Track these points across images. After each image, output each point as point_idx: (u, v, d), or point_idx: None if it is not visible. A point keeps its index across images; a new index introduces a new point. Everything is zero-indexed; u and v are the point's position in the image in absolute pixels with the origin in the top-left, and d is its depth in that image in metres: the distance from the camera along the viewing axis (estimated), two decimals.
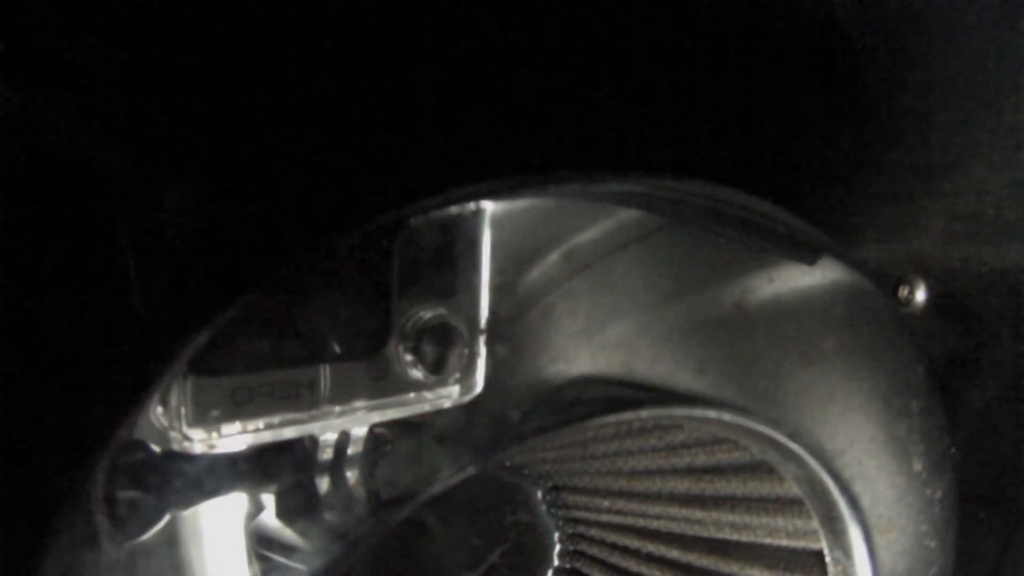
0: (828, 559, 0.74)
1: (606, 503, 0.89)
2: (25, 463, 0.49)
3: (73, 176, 0.60)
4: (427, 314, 0.53)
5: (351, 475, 0.54)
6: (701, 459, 0.78)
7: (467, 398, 0.56)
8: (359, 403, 0.52)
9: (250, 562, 0.56)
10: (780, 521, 0.76)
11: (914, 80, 0.73)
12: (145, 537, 0.50)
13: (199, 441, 0.48)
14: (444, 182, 0.51)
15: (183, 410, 0.47)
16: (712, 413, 0.65)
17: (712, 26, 0.73)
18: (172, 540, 0.52)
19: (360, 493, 0.55)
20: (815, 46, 0.73)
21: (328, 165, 0.66)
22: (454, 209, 0.53)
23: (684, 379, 0.63)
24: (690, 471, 0.80)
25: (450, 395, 0.55)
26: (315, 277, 0.51)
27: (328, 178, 0.64)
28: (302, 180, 0.64)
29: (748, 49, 0.75)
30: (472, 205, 0.54)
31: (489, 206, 0.54)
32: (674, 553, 0.84)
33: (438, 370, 0.53)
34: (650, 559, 0.86)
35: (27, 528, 0.46)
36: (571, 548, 0.96)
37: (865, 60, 0.73)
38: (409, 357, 0.53)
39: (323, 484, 0.54)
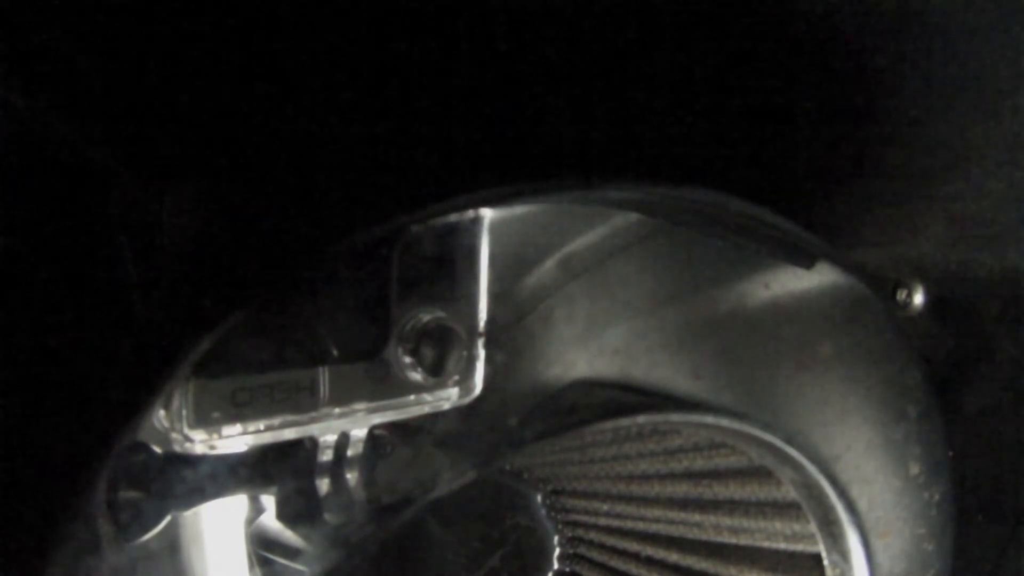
0: (826, 562, 0.74)
1: (605, 507, 0.89)
2: (30, 470, 0.49)
3: (75, 181, 0.61)
4: (426, 317, 0.54)
5: (351, 477, 0.55)
6: (699, 463, 0.78)
7: (466, 400, 0.56)
8: (359, 404, 0.52)
9: (251, 565, 0.57)
10: (778, 525, 0.76)
11: (912, 83, 0.73)
12: (146, 539, 0.50)
13: (200, 442, 0.49)
14: (444, 191, 0.52)
15: (184, 412, 0.48)
16: (709, 418, 0.65)
17: (709, 30, 0.73)
18: (173, 544, 0.52)
19: (360, 495, 0.55)
20: (812, 50, 0.73)
21: (331, 172, 0.66)
22: (454, 216, 0.54)
23: (681, 383, 0.63)
24: (688, 475, 0.80)
25: (449, 397, 0.56)
26: (316, 280, 0.51)
27: (331, 185, 0.64)
28: (305, 186, 0.64)
29: (745, 53, 0.75)
30: (471, 212, 0.54)
31: (488, 213, 0.55)
32: (673, 556, 0.84)
33: (437, 372, 0.53)
34: (649, 562, 0.87)
35: (31, 535, 0.46)
36: (571, 551, 0.96)
37: (863, 63, 0.73)
38: (408, 359, 0.53)
39: (323, 486, 0.54)
